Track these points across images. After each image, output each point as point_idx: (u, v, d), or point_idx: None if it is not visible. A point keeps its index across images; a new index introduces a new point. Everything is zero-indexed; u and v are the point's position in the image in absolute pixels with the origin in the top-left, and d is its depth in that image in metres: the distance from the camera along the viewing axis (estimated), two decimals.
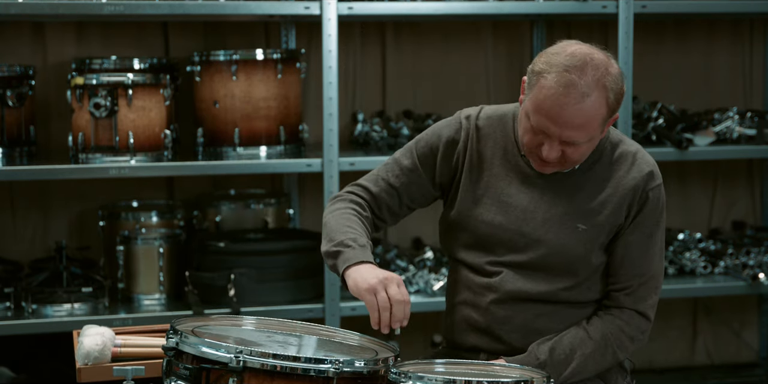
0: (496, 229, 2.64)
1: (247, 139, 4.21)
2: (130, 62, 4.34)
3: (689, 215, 5.22)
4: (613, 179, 2.61)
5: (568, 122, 2.44)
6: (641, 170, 2.61)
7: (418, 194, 2.74)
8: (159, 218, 4.38)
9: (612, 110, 2.49)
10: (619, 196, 2.59)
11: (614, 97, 2.48)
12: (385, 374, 2.26)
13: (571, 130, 2.45)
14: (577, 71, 2.43)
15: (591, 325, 2.61)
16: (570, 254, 2.59)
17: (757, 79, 5.24)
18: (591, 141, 2.51)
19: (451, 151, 2.71)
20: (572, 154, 2.51)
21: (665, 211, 2.67)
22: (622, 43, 4.36)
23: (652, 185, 2.61)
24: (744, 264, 4.68)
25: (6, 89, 4.16)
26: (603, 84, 2.45)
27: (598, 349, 2.59)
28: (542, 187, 2.63)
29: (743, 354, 5.30)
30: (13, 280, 4.29)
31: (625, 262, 2.61)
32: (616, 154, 2.63)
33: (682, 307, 5.21)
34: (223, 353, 2.20)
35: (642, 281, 2.62)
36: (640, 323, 2.63)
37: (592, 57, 2.48)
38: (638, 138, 4.62)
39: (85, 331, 2.67)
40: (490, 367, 2.37)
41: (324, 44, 4.14)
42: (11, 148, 4.21)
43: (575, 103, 2.42)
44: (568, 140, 2.47)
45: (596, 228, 2.59)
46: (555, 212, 2.61)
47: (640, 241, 2.61)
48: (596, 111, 2.45)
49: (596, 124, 2.47)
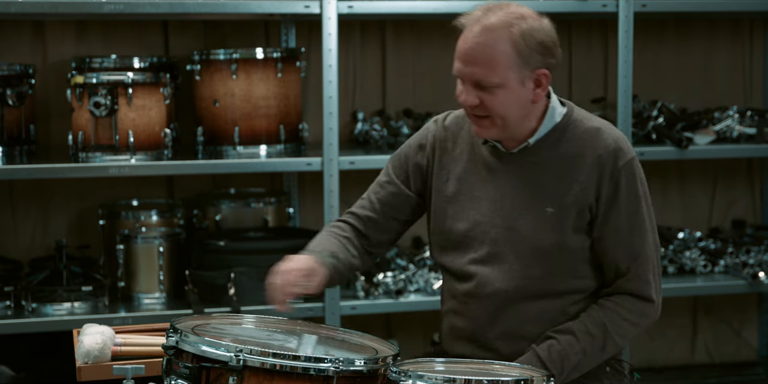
0: (470, 225, 2.63)
1: (247, 138, 4.21)
2: (130, 61, 4.34)
3: (689, 214, 5.22)
4: (577, 157, 2.56)
5: (470, 57, 2.46)
6: (606, 146, 2.55)
7: (399, 205, 2.75)
8: (159, 217, 4.38)
9: (524, 56, 2.46)
10: (584, 174, 2.54)
11: (526, 42, 2.45)
12: (385, 373, 2.26)
13: (475, 67, 2.46)
14: (485, 10, 2.48)
15: (589, 317, 2.56)
16: (541, 239, 2.55)
17: (757, 78, 5.24)
18: (507, 88, 2.47)
19: (421, 156, 2.73)
20: (490, 103, 2.48)
21: (645, 183, 2.59)
22: (622, 42, 4.35)
23: (622, 162, 2.54)
24: (744, 263, 4.68)
25: (6, 88, 4.16)
26: (510, 23, 2.45)
27: (598, 343, 2.55)
28: (507, 173, 2.60)
29: (743, 353, 5.30)
30: (13, 278, 4.29)
31: (618, 247, 2.55)
32: (579, 131, 2.58)
33: (682, 306, 5.21)
34: (223, 352, 2.20)
35: (639, 263, 2.56)
36: (643, 307, 2.58)
37: (510, 6, 2.50)
38: (638, 137, 4.62)
39: (85, 329, 2.67)
40: (490, 366, 2.37)
41: (324, 43, 4.13)
42: (11, 146, 4.21)
43: (475, 36, 2.45)
44: (476, 79, 2.47)
45: (564, 209, 2.54)
46: (522, 197, 2.58)
47: (627, 222, 2.55)
48: (499, 49, 2.44)
49: (503, 65, 2.45)
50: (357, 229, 2.77)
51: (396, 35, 4.89)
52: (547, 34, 2.50)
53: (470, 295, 2.64)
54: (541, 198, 2.56)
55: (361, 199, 2.80)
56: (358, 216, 2.78)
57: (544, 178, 2.57)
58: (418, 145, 2.75)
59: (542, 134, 2.59)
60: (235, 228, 4.46)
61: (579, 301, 2.61)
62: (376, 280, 4.32)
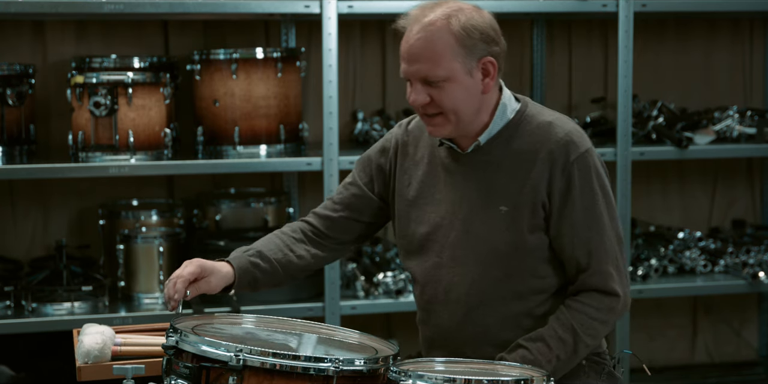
0: (431, 228, 2.61)
1: (247, 138, 4.21)
2: (130, 61, 4.34)
3: (689, 214, 5.22)
4: (530, 153, 2.52)
5: (414, 55, 2.46)
6: (558, 140, 2.51)
7: (361, 206, 2.75)
8: (159, 217, 4.38)
9: (467, 46, 2.46)
10: (536, 171, 2.51)
11: (467, 32, 2.45)
12: (385, 373, 2.26)
13: (419, 63, 2.46)
14: (422, 9, 2.50)
15: (558, 321, 2.51)
16: (497, 240, 2.52)
17: (757, 78, 5.24)
18: (454, 81, 2.47)
19: (384, 159, 2.74)
20: (440, 98, 2.47)
21: (604, 176, 2.54)
22: (622, 42, 4.35)
23: (575, 155, 2.50)
24: (744, 262, 4.68)
25: (6, 88, 4.16)
26: (449, 16, 2.46)
27: (569, 347, 2.50)
28: (463, 174, 2.59)
29: (743, 352, 5.30)
30: (13, 278, 4.29)
31: (575, 243, 2.51)
32: (532, 127, 2.55)
33: (682, 306, 5.21)
34: (223, 352, 2.20)
35: (599, 258, 2.51)
36: (610, 303, 2.52)
37: (447, 2, 2.51)
38: (638, 137, 4.62)
39: (85, 329, 2.67)
40: (491, 366, 2.36)
41: (324, 43, 4.13)
42: (11, 146, 4.21)
43: (415, 34, 2.46)
44: (422, 77, 2.46)
45: (518, 208, 2.51)
46: (478, 198, 2.55)
47: (584, 217, 2.50)
48: (441, 41, 2.44)
49: (447, 57, 2.45)
50: (317, 228, 2.77)
51: (396, 35, 4.87)
52: (487, 24, 2.50)
53: (435, 302, 2.62)
54: (495, 197, 2.54)
55: (326, 200, 2.82)
56: (319, 215, 2.79)
57: (497, 177, 2.55)
58: (381, 148, 2.76)
59: (494, 132, 2.57)
60: (235, 228, 4.46)
61: (544, 302, 2.57)
62: (376, 280, 4.32)
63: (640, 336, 5.11)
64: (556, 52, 5.04)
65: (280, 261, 2.68)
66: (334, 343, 2.47)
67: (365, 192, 2.75)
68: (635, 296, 4.54)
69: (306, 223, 2.79)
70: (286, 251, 2.70)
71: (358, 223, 2.77)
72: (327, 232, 2.77)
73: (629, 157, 4.40)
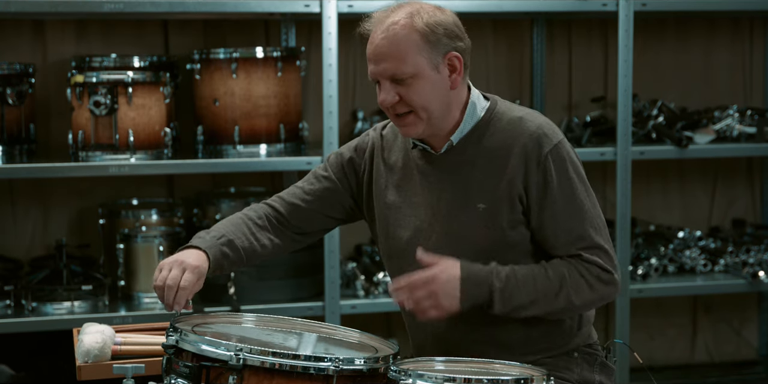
0: (411, 232, 2.61)
1: (247, 137, 4.21)
2: (130, 60, 4.34)
3: (689, 213, 5.22)
4: (503, 149, 2.53)
5: (381, 54, 2.48)
6: (530, 134, 2.52)
7: (331, 201, 2.73)
8: (159, 216, 4.38)
9: (431, 42, 2.48)
10: (511, 166, 2.51)
11: (430, 28, 2.48)
12: (385, 372, 2.26)
13: (386, 62, 2.48)
14: (386, 11, 2.53)
15: (551, 264, 2.50)
16: (478, 237, 2.52)
17: (757, 77, 5.24)
18: (422, 78, 2.48)
19: (359, 159, 2.73)
20: (408, 96, 2.48)
21: (577, 164, 2.54)
22: (622, 41, 4.35)
23: (548, 147, 2.51)
24: (744, 262, 4.68)
25: (6, 87, 4.16)
26: (412, 14, 2.49)
27: (553, 289, 2.47)
28: (438, 175, 2.59)
29: (743, 352, 5.30)
30: (13, 277, 4.29)
31: (558, 233, 2.50)
32: (503, 123, 2.56)
33: (682, 305, 5.21)
34: (223, 351, 2.20)
35: (584, 245, 2.50)
36: (600, 274, 2.50)
37: (410, 3, 2.53)
38: (638, 136, 4.62)
39: (85, 328, 2.67)
40: (490, 365, 2.36)
41: (324, 42, 4.14)
42: (11, 146, 4.21)
43: (381, 34, 2.49)
44: (390, 75, 2.48)
45: (496, 204, 2.51)
46: (455, 198, 2.55)
47: (564, 206, 2.50)
48: (406, 39, 2.46)
49: (413, 53, 2.46)
50: (282, 214, 2.73)
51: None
52: (450, 21, 2.53)
53: None
54: (472, 196, 2.54)
55: (294, 186, 2.77)
56: (286, 201, 2.75)
57: (473, 176, 2.55)
58: (356, 147, 2.75)
59: (465, 131, 2.57)
60: None
61: None
62: (376, 280, 4.32)
63: (640, 335, 5.11)
64: (556, 51, 5.04)
65: (246, 250, 2.65)
66: (334, 342, 2.48)
67: (338, 188, 2.73)
68: (635, 296, 4.54)
69: (271, 208, 2.74)
70: (252, 240, 2.66)
71: (324, 217, 2.75)
72: (291, 220, 2.73)
73: (629, 156, 4.41)
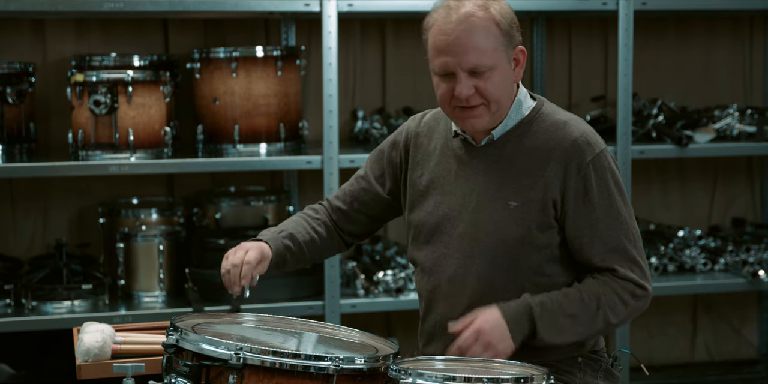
0: (440, 219, 2.62)
1: (247, 136, 4.21)
2: (129, 59, 4.34)
3: (689, 212, 5.22)
4: (543, 151, 2.53)
5: (459, 46, 2.46)
6: (573, 140, 2.51)
7: (368, 201, 2.80)
8: (159, 215, 4.38)
9: (508, 34, 2.48)
10: (550, 168, 2.51)
11: (506, 19, 2.48)
12: (385, 371, 2.26)
13: (466, 55, 2.46)
14: (451, 4, 2.50)
15: (584, 286, 2.50)
16: (504, 233, 2.51)
17: (757, 76, 5.24)
18: (499, 70, 2.47)
19: (395, 153, 2.76)
20: (486, 87, 2.47)
21: (617, 175, 2.55)
22: (622, 40, 4.35)
23: (590, 156, 2.50)
24: (744, 261, 4.68)
25: (6, 86, 4.16)
26: (485, 7, 2.47)
27: (589, 311, 2.47)
28: (476, 166, 2.59)
29: (743, 351, 5.30)
30: (13, 277, 4.29)
31: (595, 242, 2.50)
32: (546, 124, 2.56)
33: (682, 304, 5.21)
34: (223, 350, 2.20)
35: (621, 255, 2.51)
36: (635, 290, 2.51)
37: None
38: (638, 135, 4.62)
39: (85, 328, 2.67)
40: (490, 364, 2.36)
41: (324, 41, 4.13)
42: (11, 145, 4.21)
43: (456, 26, 2.46)
44: (471, 68, 2.46)
45: (528, 204, 2.51)
46: (489, 191, 2.55)
47: (602, 216, 2.50)
48: (486, 31, 2.45)
49: (492, 45, 2.45)
50: (330, 214, 2.84)
51: (396, 33, 4.89)
52: (513, 13, 2.54)
53: (438, 292, 2.62)
54: (505, 192, 2.54)
55: (340, 189, 2.87)
56: (330, 204, 2.85)
57: (509, 172, 2.55)
58: (393, 141, 2.79)
59: (508, 127, 2.58)
60: (235, 226, 4.46)
61: None
62: (376, 279, 4.32)
63: (640, 334, 5.12)
64: (556, 50, 5.04)
65: (307, 243, 2.74)
66: (335, 341, 2.48)
67: (374, 186, 2.79)
68: None
69: (323, 207, 2.86)
70: (312, 234, 2.76)
71: (364, 217, 2.82)
72: (337, 221, 2.83)
73: (629, 155, 4.41)
